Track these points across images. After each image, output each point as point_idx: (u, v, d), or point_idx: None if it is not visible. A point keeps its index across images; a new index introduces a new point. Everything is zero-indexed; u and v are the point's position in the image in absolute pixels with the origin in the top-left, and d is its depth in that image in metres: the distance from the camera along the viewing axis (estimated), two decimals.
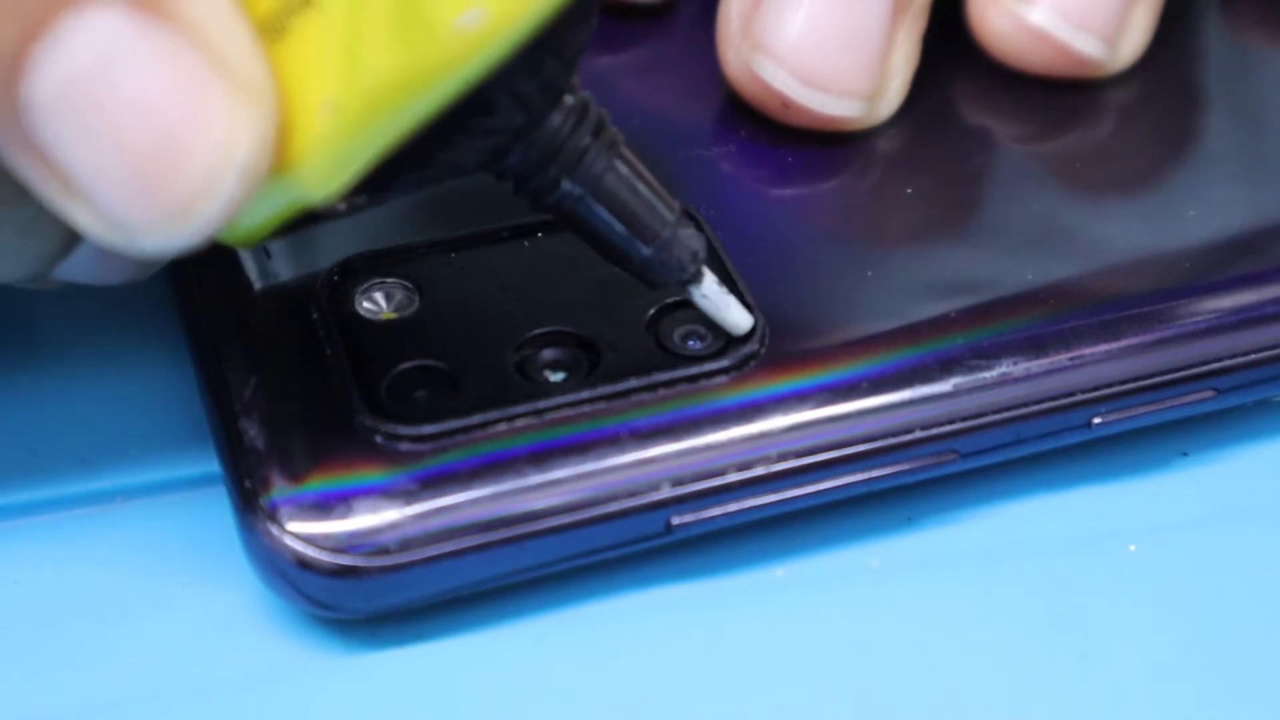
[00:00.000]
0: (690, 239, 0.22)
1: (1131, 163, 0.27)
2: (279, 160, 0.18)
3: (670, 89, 0.28)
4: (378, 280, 0.23)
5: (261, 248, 0.24)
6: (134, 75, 0.18)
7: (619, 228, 0.21)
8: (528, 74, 0.20)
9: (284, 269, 0.24)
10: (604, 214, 0.21)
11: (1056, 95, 0.28)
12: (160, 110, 0.18)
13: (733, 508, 0.22)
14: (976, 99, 0.28)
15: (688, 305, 0.23)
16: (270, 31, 0.18)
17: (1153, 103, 0.28)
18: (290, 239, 0.24)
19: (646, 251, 0.21)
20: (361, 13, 0.18)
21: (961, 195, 0.26)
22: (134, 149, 0.18)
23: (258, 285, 0.24)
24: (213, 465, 0.23)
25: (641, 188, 0.21)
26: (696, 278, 0.22)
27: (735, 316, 0.22)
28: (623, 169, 0.21)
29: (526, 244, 0.24)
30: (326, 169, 0.18)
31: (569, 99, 0.21)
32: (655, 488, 0.22)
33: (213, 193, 0.18)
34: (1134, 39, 0.28)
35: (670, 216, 0.22)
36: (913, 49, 0.27)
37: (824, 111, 0.26)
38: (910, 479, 0.23)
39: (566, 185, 0.21)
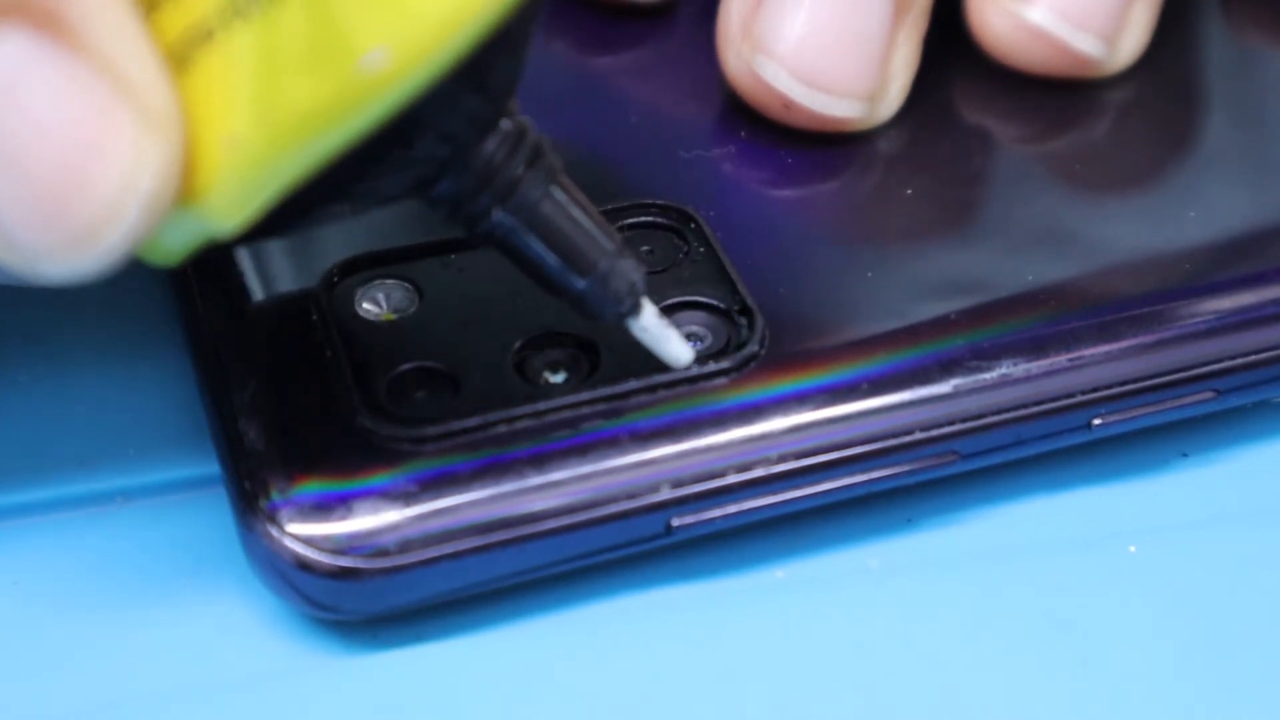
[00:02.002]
0: (630, 270, 0.21)
1: (1131, 163, 0.27)
2: (185, 190, 0.18)
3: (670, 89, 0.28)
4: (378, 281, 0.23)
5: (260, 247, 0.24)
6: (38, 100, 0.17)
7: (552, 259, 0.21)
8: (447, 108, 0.19)
9: (284, 269, 0.24)
10: (537, 245, 0.21)
11: (1056, 96, 0.28)
12: (64, 136, 0.17)
13: (733, 509, 0.22)
14: (976, 99, 0.28)
15: (688, 307, 0.23)
16: (178, 61, 0.18)
17: (1152, 103, 0.28)
18: (290, 239, 0.24)
19: (581, 284, 0.21)
20: (265, 48, 0.18)
21: (961, 196, 0.26)
22: (37, 174, 0.18)
23: (257, 286, 0.24)
24: (213, 466, 0.23)
25: (580, 218, 0.21)
26: (634, 311, 0.21)
27: (675, 350, 0.22)
28: (559, 199, 0.21)
29: None
30: (231, 201, 0.18)
31: (505, 124, 0.20)
32: (655, 489, 0.22)
33: (116, 220, 0.18)
34: (1133, 38, 0.28)
35: (609, 247, 0.21)
36: (913, 51, 0.27)
37: (825, 112, 0.26)
38: (910, 480, 0.23)
39: (498, 215, 0.20)
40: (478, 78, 0.19)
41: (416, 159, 0.20)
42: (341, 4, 0.18)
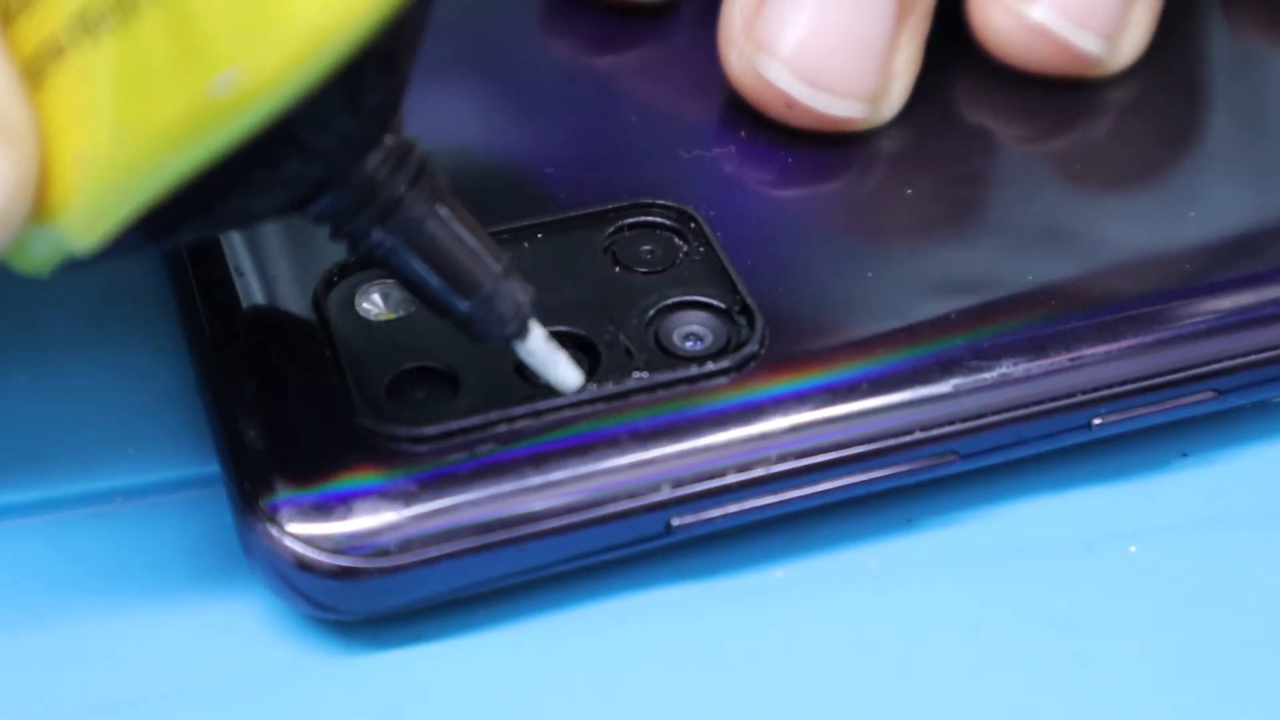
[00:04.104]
0: (516, 292, 0.21)
1: (1131, 163, 0.27)
2: (41, 206, 0.18)
3: (670, 89, 0.28)
4: (378, 281, 0.23)
5: (260, 247, 0.24)
6: None
7: (436, 281, 0.21)
8: (316, 128, 0.19)
9: (284, 269, 0.24)
10: (419, 266, 0.20)
11: (1056, 95, 0.28)
12: None
13: (733, 509, 0.22)
14: (976, 99, 0.28)
15: (688, 307, 0.23)
16: (33, 75, 0.18)
17: (1153, 102, 0.28)
18: (290, 240, 0.24)
19: (464, 306, 0.21)
20: (118, 65, 0.17)
21: (961, 195, 0.26)
22: None
23: (257, 286, 0.24)
24: (213, 466, 0.23)
25: (465, 238, 0.21)
26: (520, 334, 0.21)
27: (562, 374, 0.22)
28: (444, 218, 0.20)
29: (526, 244, 0.24)
30: (86, 219, 0.18)
31: (389, 140, 0.20)
32: (655, 489, 0.22)
33: None
34: (1134, 37, 0.28)
35: (495, 269, 0.21)
36: (916, 51, 0.27)
37: (827, 112, 0.26)
38: (910, 480, 0.23)
39: (378, 235, 0.20)
40: (350, 96, 0.19)
41: (286, 179, 0.19)
42: (200, 22, 0.17)
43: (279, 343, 0.23)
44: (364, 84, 0.19)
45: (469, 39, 0.28)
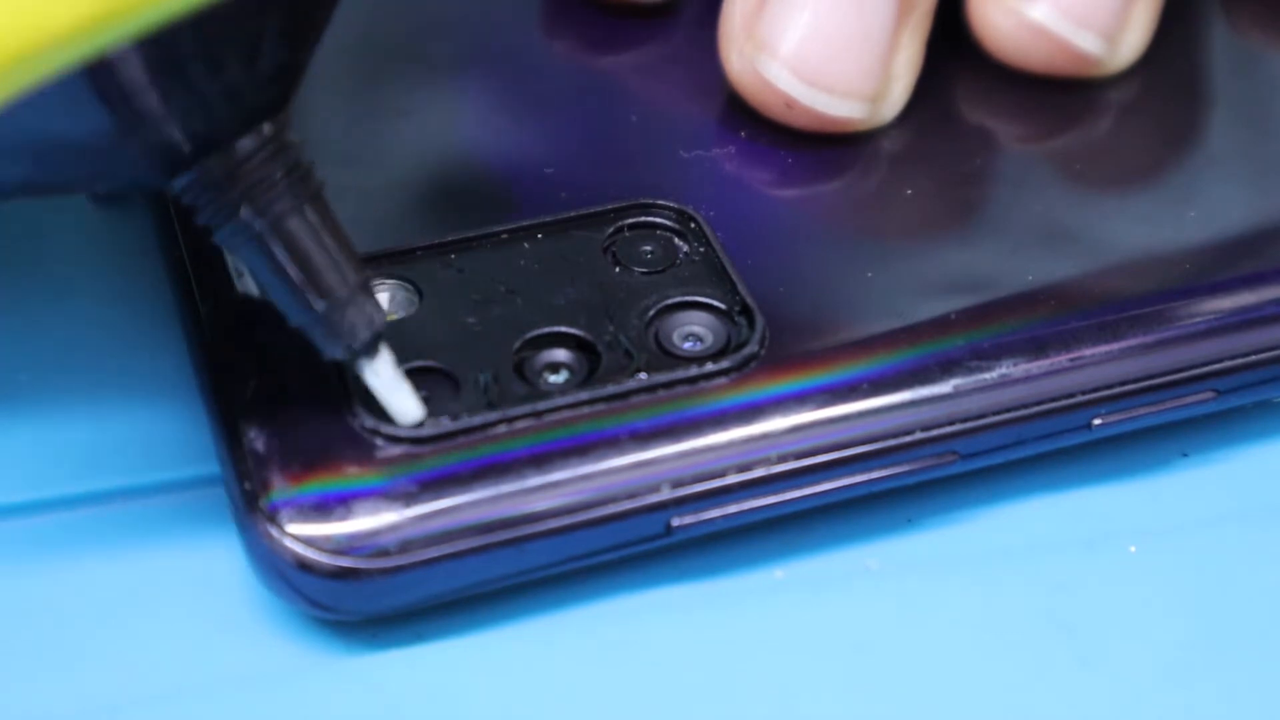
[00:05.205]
0: (372, 310, 0.21)
1: (1131, 163, 0.27)
2: None
3: (670, 89, 0.28)
4: (378, 281, 0.23)
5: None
6: None
7: (295, 272, 0.21)
8: (207, 66, 0.19)
9: None
10: (280, 254, 0.20)
11: (1056, 95, 0.28)
12: None
13: (733, 509, 0.22)
14: (976, 99, 0.28)
15: (688, 307, 0.23)
16: None
17: (1153, 103, 0.28)
18: None
19: (320, 306, 0.21)
20: None
21: (961, 195, 0.26)
22: None
23: (258, 286, 0.24)
24: (213, 466, 0.23)
25: (331, 243, 0.21)
26: (370, 350, 0.21)
27: (404, 404, 0.21)
28: (314, 215, 0.21)
29: (526, 245, 0.24)
30: None
31: (272, 128, 0.20)
32: (655, 489, 0.22)
33: None
34: (1135, 37, 0.28)
35: (354, 279, 0.21)
36: (917, 52, 0.27)
37: (827, 112, 0.26)
38: (910, 480, 0.23)
39: (246, 214, 0.20)
40: (247, 46, 0.19)
41: (171, 115, 0.19)
42: None
43: (279, 343, 0.23)
44: (261, 38, 0.19)
45: (469, 39, 0.28)
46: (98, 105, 0.19)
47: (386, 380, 0.21)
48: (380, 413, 0.22)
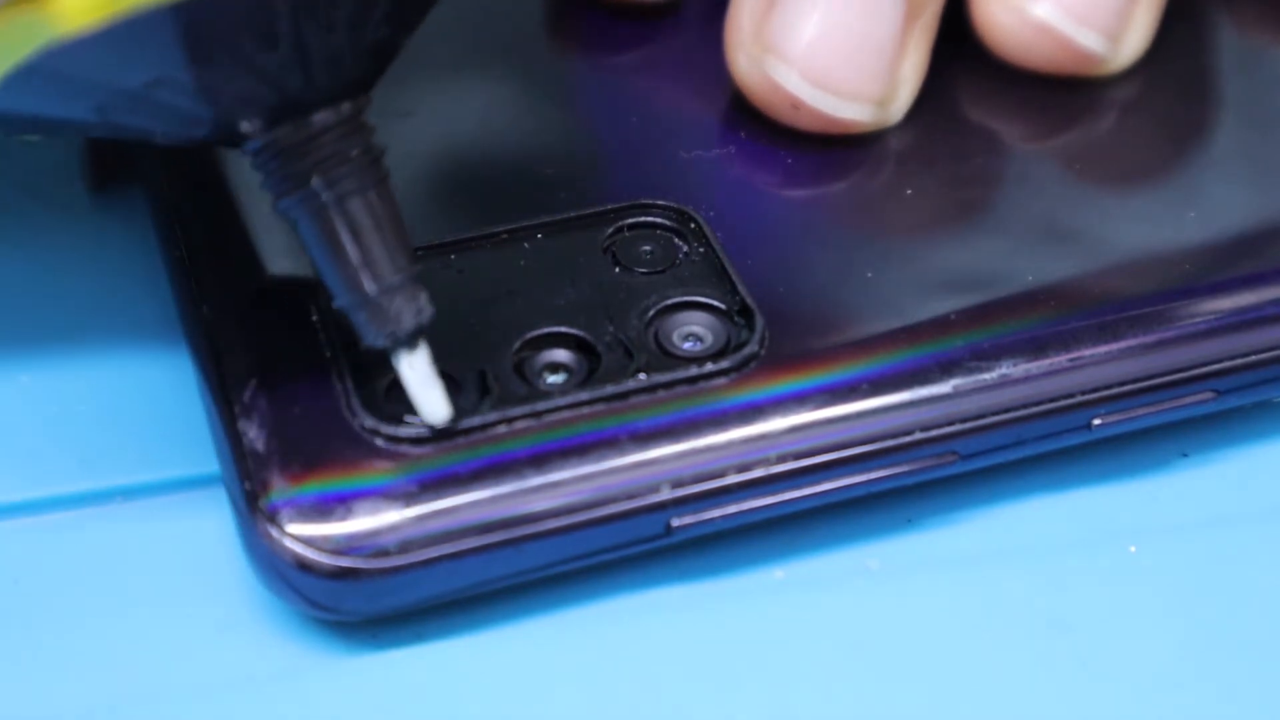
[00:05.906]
0: (424, 302, 0.21)
1: (1132, 163, 0.27)
2: None
3: (671, 89, 0.28)
4: None
5: (261, 245, 0.24)
6: None
7: (354, 252, 0.21)
8: (316, 19, 0.19)
9: (284, 269, 0.24)
10: (344, 230, 0.21)
11: (1057, 94, 0.28)
12: None
13: (732, 509, 0.22)
14: (977, 99, 0.28)
15: (688, 307, 0.23)
16: None
17: (1155, 102, 0.28)
18: (291, 240, 0.24)
19: (372, 289, 0.21)
20: None
21: (961, 196, 0.26)
22: None
23: (258, 285, 0.24)
24: (213, 465, 0.23)
25: (394, 229, 0.21)
26: (411, 342, 0.21)
27: (433, 401, 0.21)
28: (381, 198, 0.21)
29: (526, 245, 0.24)
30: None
31: (352, 107, 0.20)
32: (655, 489, 0.22)
33: None
34: (1137, 36, 0.28)
35: (411, 268, 0.21)
36: (924, 56, 0.27)
37: (834, 114, 0.26)
38: (910, 480, 0.23)
39: (316, 183, 0.20)
40: (359, 10, 0.19)
41: (267, 61, 0.19)
42: None
43: (279, 343, 0.23)
44: (374, 9, 0.19)
45: (470, 39, 0.28)
46: (213, 42, 0.19)
47: (421, 375, 0.21)
48: (381, 413, 0.22)
